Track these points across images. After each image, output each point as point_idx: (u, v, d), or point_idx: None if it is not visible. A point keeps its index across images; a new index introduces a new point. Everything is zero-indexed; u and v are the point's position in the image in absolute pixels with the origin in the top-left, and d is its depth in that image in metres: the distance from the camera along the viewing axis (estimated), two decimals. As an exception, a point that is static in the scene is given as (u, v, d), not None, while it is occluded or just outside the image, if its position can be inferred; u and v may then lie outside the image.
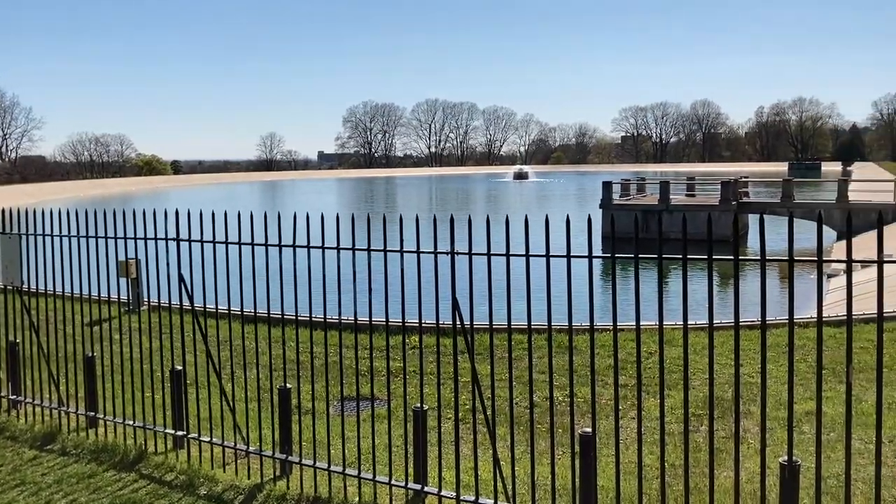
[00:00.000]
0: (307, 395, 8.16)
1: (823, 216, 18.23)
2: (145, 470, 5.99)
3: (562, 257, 4.47)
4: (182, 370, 6.35)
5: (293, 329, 8.70)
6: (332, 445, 6.22)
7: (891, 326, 10.97)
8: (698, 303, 6.58)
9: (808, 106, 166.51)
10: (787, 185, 38.04)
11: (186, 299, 6.17)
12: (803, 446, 6.66)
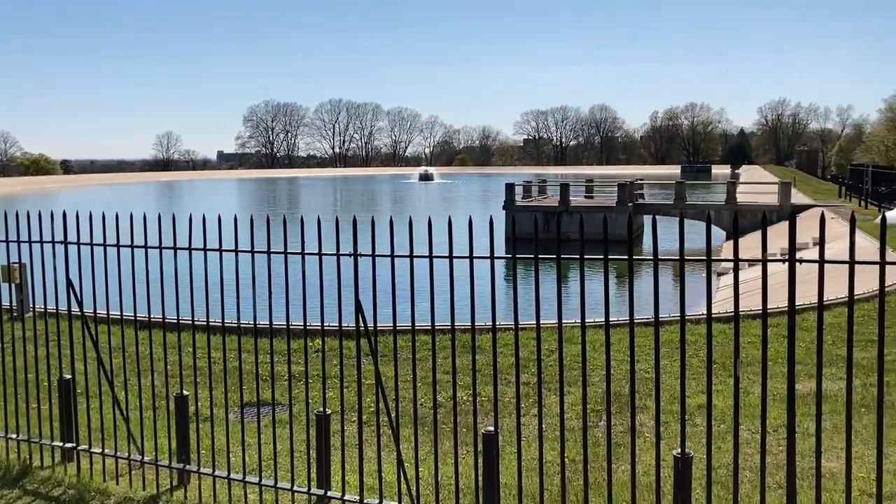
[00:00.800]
0: (206, 401, 7.93)
1: (713, 217, 19.35)
2: (30, 485, 5.68)
3: (465, 258, 4.50)
4: (71, 379, 6.05)
5: (190, 334, 8.44)
6: (233, 453, 6.06)
7: (775, 322, 11.56)
8: (597, 301, 6.76)
9: (699, 111, 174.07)
10: (679, 188, 39.62)
11: (75, 304, 5.89)
12: (696, 438, 6.95)
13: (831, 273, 3.84)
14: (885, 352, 10.45)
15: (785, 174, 79.42)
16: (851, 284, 3.67)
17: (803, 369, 9.20)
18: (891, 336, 10.86)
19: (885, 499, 5.32)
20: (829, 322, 11.59)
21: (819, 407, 3.82)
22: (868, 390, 8.47)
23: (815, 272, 3.75)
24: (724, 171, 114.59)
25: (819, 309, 3.72)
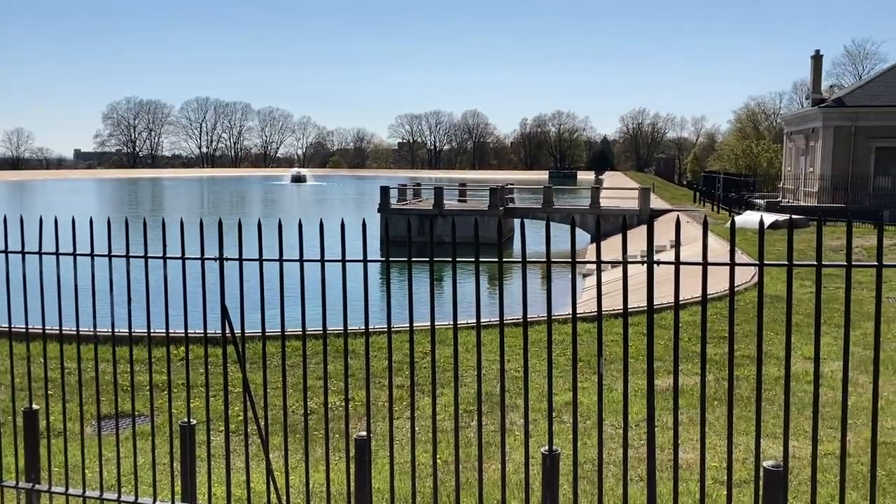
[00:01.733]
0: (60, 415, 7.44)
1: (579, 221, 19.97)
2: None
3: (336, 262, 4.44)
4: None
5: (41, 343, 7.90)
6: (89, 468, 5.71)
7: (636, 320, 12.12)
8: (470, 303, 6.85)
9: (566, 119, 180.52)
10: (547, 192, 40.91)
11: None
12: (564, 434, 7.16)
13: (687, 274, 4.05)
14: (736, 347, 11.15)
15: (645, 180, 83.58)
16: (704, 285, 3.88)
17: (662, 365, 9.69)
18: (741, 332, 11.61)
19: (735, 485, 5.67)
20: (685, 320, 12.27)
21: (676, 401, 4.02)
22: (721, 384, 9.01)
23: (673, 273, 3.94)
24: (589, 176, 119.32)
25: (675, 308, 3.91)
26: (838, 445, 3.91)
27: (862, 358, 9.95)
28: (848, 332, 3.76)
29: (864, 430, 7.10)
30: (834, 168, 39.34)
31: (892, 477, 5.88)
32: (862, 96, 40.84)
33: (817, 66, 44.46)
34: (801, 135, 44.54)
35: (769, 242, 22.52)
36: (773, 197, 46.38)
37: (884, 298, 14.46)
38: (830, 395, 8.44)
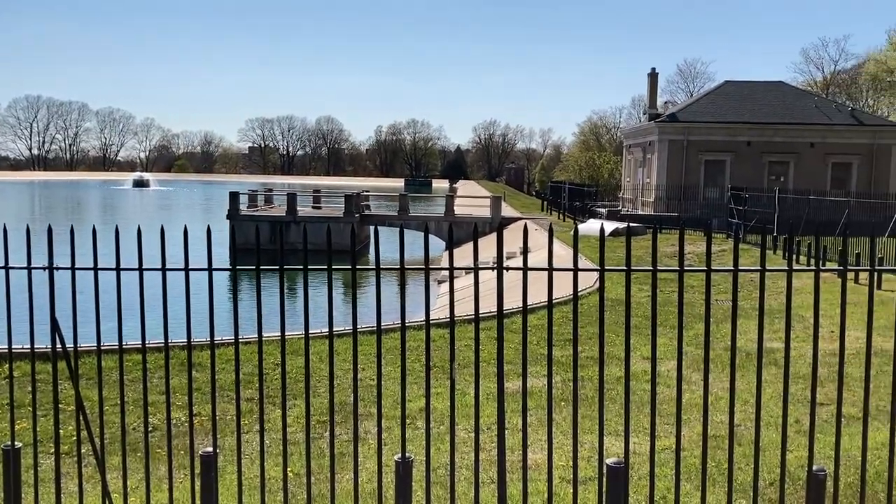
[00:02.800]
0: None
1: (434, 228, 20.11)
2: None
3: (179, 270, 4.23)
4: None
5: None
6: None
7: (487, 325, 12.38)
8: (324, 311, 6.74)
9: (420, 128, 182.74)
10: (403, 200, 41.18)
11: None
12: (418, 441, 7.18)
13: (535, 279, 4.17)
14: (581, 349, 11.60)
15: (496, 189, 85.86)
16: (550, 289, 4.01)
17: (513, 368, 9.95)
18: (585, 335, 12.12)
19: (580, 483, 5.89)
20: (534, 324, 12.67)
21: (525, 404, 4.12)
22: (568, 385, 9.35)
23: (522, 278, 4.04)
24: (444, 184, 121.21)
25: (524, 313, 4.01)
26: (675, 440, 4.14)
27: (695, 357, 10.65)
28: (681, 333, 3.99)
29: (697, 424, 7.59)
30: (669, 179, 42.03)
31: (720, 468, 6.30)
32: (693, 112, 43.92)
33: (653, 83, 47.43)
34: (639, 147, 47.30)
35: (610, 249, 23.73)
36: (614, 206, 48.97)
37: (713, 301, 15.54)
38: (667, 392, 8.96)
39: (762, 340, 4.07)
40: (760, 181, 39.55)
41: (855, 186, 40.06)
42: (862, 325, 11.64)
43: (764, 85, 46.52)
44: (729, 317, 13.64)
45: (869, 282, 3.98)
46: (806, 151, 41.66)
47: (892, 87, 64.36)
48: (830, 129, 41.78)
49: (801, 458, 6.40)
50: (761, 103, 43.95)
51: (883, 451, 5.90)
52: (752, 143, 41.77)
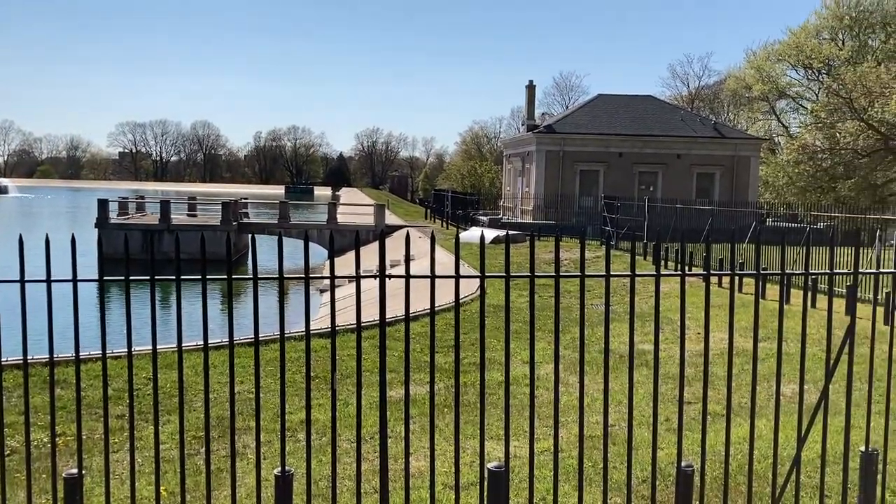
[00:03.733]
0: None
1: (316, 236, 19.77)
2: None
3: (41, 282, 3.97)
4: None
5: None
6: None
7: (371, 334, 12.30)
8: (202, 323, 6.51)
9: (302, 134, 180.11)
10: (283, 207, 40.44)
11: None
12: (300, 454, 7.04)
13: (419, 286, 4.17)
14: (463, 355, 11.73)
15: (380, 197, 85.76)
16: (432, 297, 4.02)
17: (397, 377, 9.93)
18: (468, 341, 12.25)
19: (463, 488, 5.94)
20: (418, 331, 12.71)
21: (407, 411, 4.11)
22: (451, 392, 9.43)
23: (401, 288, 4.04)
24: (326, 192, 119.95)
25: (406, 320, 4.01)
26: (553, 442, 4.24)
27: (573, 360, 10.97)
28: (557, 337, 4.10)
29: (575, 426, 7.81)
30: (546, 188, 43.27)
31: (597, 467, 6.51)
32: (568, 124, 45.44)
33: (531, 94, 48.72)
34: (518, 157, 48.46)
35: (492, 256, 24.14)
36: (495, 214, 49.92)
37: (589, 305, 16.03)
38: (546, 395, 9.19)
39: (633, 343, 4.24)
40: (632, 190, 41.33)
41: (718, 195, 42.54)
42: (726, 326, 12.33)
43: (634, 98, 48.73)
44: (604, 320, 14.15)
45: (730, 285, 4.22)
46: (673, 162, 43.88)
47: (750, 102, 68.76)
48: (695, 141, 44.20)
49: (672, 455, 6.71)
50: (632, 116, 46.00)
51: (745, 445, 6.25)
52: (624, 154, 43.62)
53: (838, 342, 4.72)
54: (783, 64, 64.95)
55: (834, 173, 52.88)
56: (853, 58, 57.39)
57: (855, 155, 50.94)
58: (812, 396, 7.56)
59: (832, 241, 4.56)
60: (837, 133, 50.71)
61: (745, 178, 44.30)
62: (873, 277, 12.72)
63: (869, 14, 59.11)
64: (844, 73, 53.05)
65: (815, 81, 63.54)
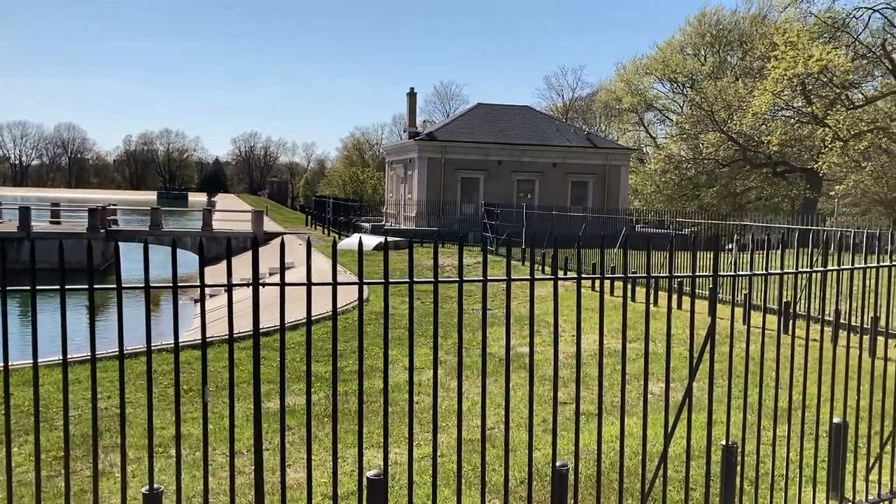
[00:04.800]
0: None
1: (191, 244, 19.07)
2: None
3: None
4: None
5: None
6: None
7: (248, 345, 11.98)
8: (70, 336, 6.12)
9: (175, 138, 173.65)
10: (155, 214, 38.82)
11: None
12: (171, 470, 6.75)
13: (298, 295, 4.08)
14: (345, 364, 11.60)
15: (258, 203, 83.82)
16: (309, 305, 3.95)
17: (275, 388, 9.70)
18: (349, 349, 12.14)
19: (342, 498, 5.86)
20: (297, 340, 12.48)
21: (283, 423, 4.01)
22: (330, 401, 9.29)
23: (288, 294, 3.94)
24: (202, 198, 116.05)
25: (281, 330, 3.92)
26: (432, 448, 4.25)
27: (453, 364, 11.05)
28: (436, 342, 4.11)
29: (454, 430, 7.87)
30: (429, 195, 43.58)
31: (477, 470, 6.57)
32: (449, 132, 45.97)
33: (412, 102, 48.97)
34: (400, 164, 48.60)
35: (375, 263, 24.07)
36: (378, 220, 49.81)
37: (470, 310, 16.18)
38: (428, 401, 9.22)
39: (509, 347, 4.30)
40: (511, 198, 42.27)
41: (591, 202, 44.14)
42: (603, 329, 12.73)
43: (513, 108, 49.91)
44: (482, 325, 14.34)
45: (600, 289, 4.36)
46: (549, 171, 45.20)
47: (620, 114, 71.87)
48: (570, 150, 45.71)
49: (549, 456, 6.86)
50: (510, 125, 47.07)
51: (618, 443, 6.48)
52: (503, 162, 44.55)
53: (702, 341, 4.98)
54: (650, 77, 68.31)
55: (697, 182, 56.03)
56: (714, 73, 61.04)
57: (716, 164, 54.14)
58: (679, 394, 7.93)
59: (694, 247, 4.80)
60: (700, 144, 53.76)
61: (617, 187, 46.18)
62: (739, 280, 13.57)
63: (728, 32, 63.05)
64: (706, 87, 56.36)
65: (680, 94, 67.16)
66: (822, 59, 34.56)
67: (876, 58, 35.54)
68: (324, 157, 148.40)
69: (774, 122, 47.87)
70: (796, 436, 5.92)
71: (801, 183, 53.32)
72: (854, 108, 39.83)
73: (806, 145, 48.93)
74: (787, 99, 44.85)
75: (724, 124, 51.26)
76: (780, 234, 14.40)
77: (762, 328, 5.09)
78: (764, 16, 59.72)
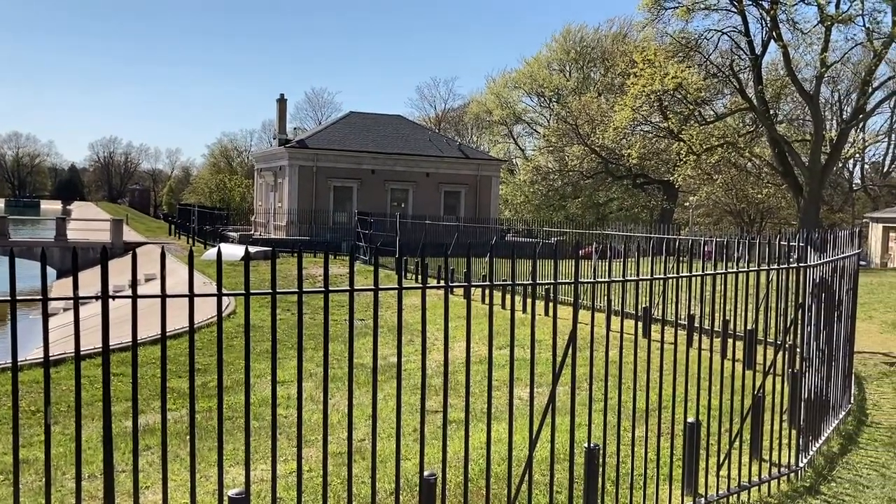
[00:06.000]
0: None
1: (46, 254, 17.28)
2: None
3: None
4: None
5: None
6: None
7: (92, 363, 11.33)
8: None
9: (25, 142, 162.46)
10: (2, 223, 36.20)
11: None
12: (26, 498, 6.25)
13: (167, 307, 3.84)
14: (209, 379, 11.17)
15: (118, 211, 79.86)
16: (163, 319, 3.75)
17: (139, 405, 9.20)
18: (212, 364, 11.69)
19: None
20: (157, 356, 11.91)
21: (136, 442, 3.78)
22: (200, 417, 8.91)
23: (149, 308, 3.72)
24: (56, 206, 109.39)
25: (133, 345, 3.70)
26: (297, 463, 4.13)
27: (331, 376, 10.86)
28: (301, 354, 4.00)
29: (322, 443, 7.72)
30: (300, 203, 42.88)
31: (345, 484, 6.47)
32: (321, 140, 45.45)
33: (282, 108, 48.09)
34: (270, 172, 47.56)
35: (241, 274, 23.39)
36: (246, 230, 48.51)
37: (343, 320, 15.95)
38: (295, 415, 9.00)
39: (377, 356, 4.26)
40: (384, 207, 42.23)
41: (464, 212, 44.79)
42: (478, 336, 12.90)
43: (385, 117, 49.97)
44: (359, 334, 14.21)
45: (466, 296, 4.39)
46: (423, 180, 45.54)
47: (491, 126, 73.46)
48: (442, 160, 46.24)
49: (418, 465, 6.85)
50: (383, 134, 47.09)
51: (484, 450, 6.55)
52: (377, 171, 44.49)
53: (570, 347, 5.10)
54: (519, 91, 70.28)
55: (564, 192, 58.10)
56: (578, 88, 63.53)
57: (581, 176, 56.33)
58: (545, 399, 8.13)
59: (555, 255, 4.93)
60: (566, 156, 55.80)
61: (488, 197, 47.10)
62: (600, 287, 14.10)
63: (591, 49, 65.80)
64: (571, 101, 58.59)
65: (547, 108, 69.45)
66: (677, 76, 36.64)
67: (725, 77, 38.06)
68: (189, 164, 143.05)
69: (634, 137, 50.32)
70: (656, 436, 6.18)
71: (659, 194, 56.35)
72: (706, 124, 42.47)
73: (663, 158, 51.76)
74: (645, 114, 47.24)
75: (588, 138, 53.41)
76: (638, 243, 15.11)
77: (620, 332, 5.29)
78: (624, 34, 62.76)
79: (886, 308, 15.57)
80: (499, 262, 18.39)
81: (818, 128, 35.55)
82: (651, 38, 45.06)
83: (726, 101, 47.10)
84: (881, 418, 8.51)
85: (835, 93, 55.96)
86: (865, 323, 13.54)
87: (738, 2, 34.19)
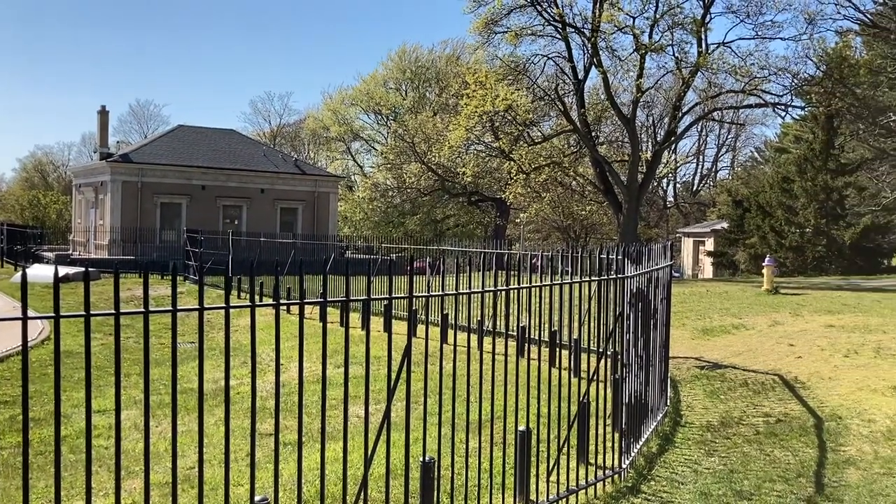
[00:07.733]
0: None
1: None
2: None
3: None
4: None
5: None
6: None
7: None
8: None
9: None
10: None
11: None
12: None
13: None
14: (8, 414, 10.25)
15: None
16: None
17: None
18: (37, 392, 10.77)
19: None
20: (-42, 388, 10.81)
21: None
22: (15, 450, 8.16)
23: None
24: None
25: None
26: (115, 497, 3.86)
27: (156, 402, 10.28)
28: (118, 381, 3.76)
29: (153, 474, 7.29)
30: (124, 221, 40.53)
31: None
32: (148, 154, 43.26)
33: (104, 120, 45.34)
34: (90, 187, 44.65)
35: (65, 295, 21.75)
36: (64, 249, 45.20)
37: (165, 344, 15.17)
38: (126, 445, 8.45)
39: (202, 380, 4.08)
40: (216, 224, 40.75)
41: (301, 229, 44.08)
42: (313, 355, 12.67)
43: (217, 132, 48.36)
44: (193, 357, 13.55)
45: (299, 314, 4.30)
46: (257, 196, 44.41)
47: (328, 142, 72.95)
48: (278, 176, 45.33)
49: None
50: (215, 149, 45.53)
51: (318, 471, 6.44)
52: (207, 186, 42.90)
53: (400, 362, 5.12)
54: (356, 108, 70.34)
55: (402, 209, 58.68)
56: (414, 107, 64.50)
57: (419, 193, 57.13)
58: (381, 416, 8.11)
59: (390, 271, 4.95)
60: (404, 174, 56.41)
61: (326, 213, 46.68)
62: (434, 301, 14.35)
63: (426, 69, 67.06)
64: (408, 120, 59.38)
65: (385, 126, 69.94)
66: (507, 98, 38.06)
67: (551, 100, 39.96)
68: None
69: (468, 155, 51.68)
70: (489, 446, 6.32)
71: (493, 211, 58.21)
72: (534, 145, 44.35)
73: (495, 177, 53.50)
74: (478, 134, 48.69)
75: (425, 156, 54.30)
76: (469, 258, 15.51)
77: (454, 345, 5.38)
78: (458, 56, 64.49)
79: (697, 316, 16.86)
80: (337, 280, 18.24)
81: (635, 149, 38.07)
82: (483, 60, 46.56)
83: (553, 122, 49.44)
84: (694, 418, 9.18)
85: (650, 116, 60.36)
86: (679, 330, 14.59)
87: (561, 29, 36.06)
